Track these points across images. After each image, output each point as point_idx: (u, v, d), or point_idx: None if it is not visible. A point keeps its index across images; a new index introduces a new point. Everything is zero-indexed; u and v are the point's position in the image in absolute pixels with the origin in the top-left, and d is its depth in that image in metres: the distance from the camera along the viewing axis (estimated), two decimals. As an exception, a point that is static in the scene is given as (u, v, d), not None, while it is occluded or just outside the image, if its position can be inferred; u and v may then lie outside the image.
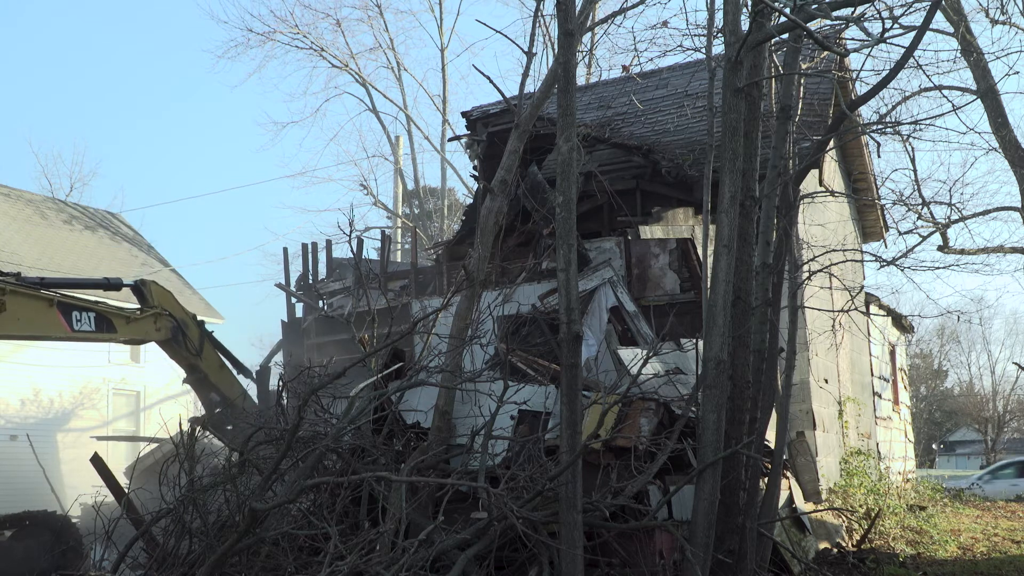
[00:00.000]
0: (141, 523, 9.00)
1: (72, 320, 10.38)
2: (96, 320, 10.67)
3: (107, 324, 10.82)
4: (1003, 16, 17.71)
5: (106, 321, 10.80)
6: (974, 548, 12.58)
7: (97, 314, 10.70)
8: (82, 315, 10.49)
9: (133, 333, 11.36)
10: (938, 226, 17.77)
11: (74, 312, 10.41)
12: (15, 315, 9.66)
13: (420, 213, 36.27)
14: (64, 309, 10.29)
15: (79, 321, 10.45)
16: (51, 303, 10.14)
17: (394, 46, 34.63)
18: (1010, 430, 61.26)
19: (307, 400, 7.82)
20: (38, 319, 10.04)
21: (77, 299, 10.66)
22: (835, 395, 14.46)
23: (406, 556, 6.71)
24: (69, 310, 10.36)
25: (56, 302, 10.19)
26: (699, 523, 7.15)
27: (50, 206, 26.01)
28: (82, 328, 10.50)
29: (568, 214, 7.34)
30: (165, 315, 11.61)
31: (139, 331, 11.39)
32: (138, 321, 11.30)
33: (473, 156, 15.71)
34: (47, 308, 10.11)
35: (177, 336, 11.82)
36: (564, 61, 7.55)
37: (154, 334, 11.58)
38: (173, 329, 11.74)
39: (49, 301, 10.14)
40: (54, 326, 10.23)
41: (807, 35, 7.25)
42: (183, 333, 11.90)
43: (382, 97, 34.56)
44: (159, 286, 11.93)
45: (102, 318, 10.76)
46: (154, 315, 11.46)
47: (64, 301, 10.33)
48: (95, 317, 10.66)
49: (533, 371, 9.94)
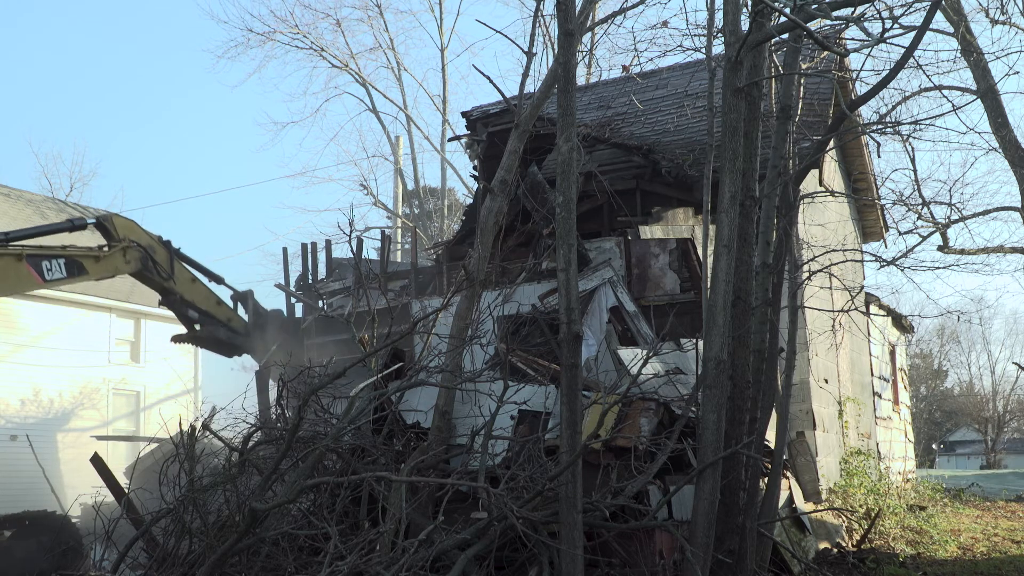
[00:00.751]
0: (141, 523, 9.00)
1: (43, 270, 10.30)
2: (67, 266, 10.62)
3: (78, 267, 10.79)
4: (1003, 16, 17.74)
5: (76, 265, 10.76)
6: (974, 548, 12.58)
7: (67, 259, 10.62)
8: (52, 263, 10.41)
9: (104, 271, 11.36)
10: (938, 226, 17.78)
11: (44, 262, 10.32)
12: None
13: (420, 213, 36.27)
14: (33, 261, 10.21)
15: (50, 270, 10.38)
16: (19, 257, 10.07)
17: (394, 46, 34.68)
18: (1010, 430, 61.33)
19: (307, 400, 7.82)
20: (10, 275, 9.99)
21: (45, 248, 10.56)
22: (835, 395, 14.46)
23: (406, 556, 6.71)
24: (39, 261, 10.28)
25: (25, 256, 10.11)
26: (699, 523, 7.15)
27: (50, 206, 25.99)
28: (54, 277, 10.44)
29: (568, 214, 7.34)
30: (132, 247, 11.58)
31: (110, 267, 11.39)
32: (107, 258, 11.27)
33: (473, 156, 15.71)
34: (16, 263, 10.05)
35: (147, 264, 11.80)
36: (564, 61, 7.55)
37: (124, 267, 11.57)
38: (142, 259, 11.72)
39: (17, 256, 10.07)
40: (25, 280, 10.18)
41: (807, 35, 7.25)
42: (152, 260, 11.87)
43: (382, 97, 34.61)
44: (122, 217, 11.87)
45: (72, 262, 10.71)
46: (122, 249, 11.44)
47: (33, 253, 10.25)
48: (65, 263, 10.59)
49: (533, 371, 9.94)
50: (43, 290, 11.46)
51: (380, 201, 34.54)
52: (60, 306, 21.09)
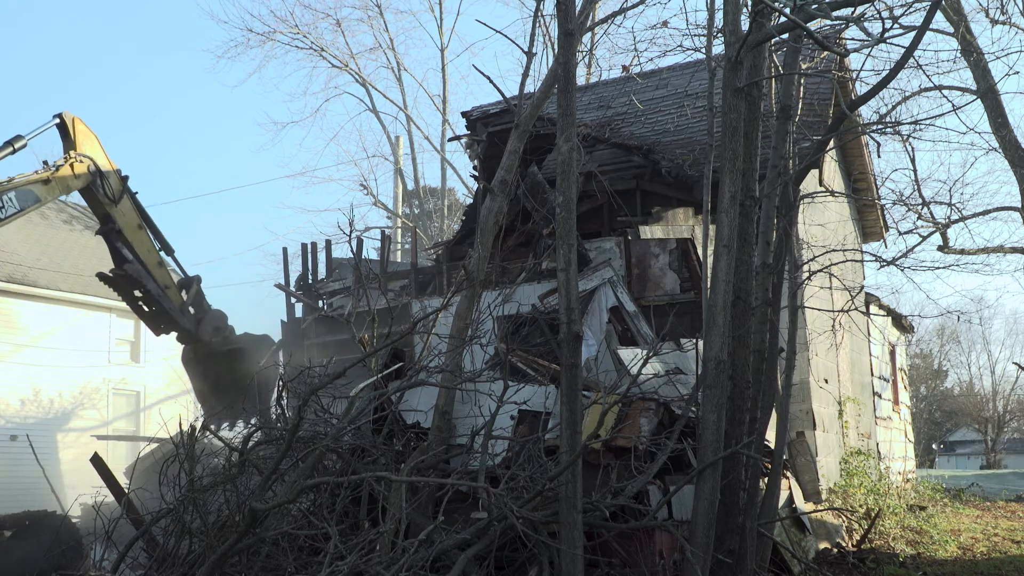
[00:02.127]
0: (141, 523, 8.99)
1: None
2: (19, 197, 10.44)
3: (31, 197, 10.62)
4: (1003, 16, 17.73)
5: (27, 193, 10.58)
6: (974, 548, 12.57)
7: (16, 191, 10.44)
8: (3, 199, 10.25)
9: (56, 192, 11.20)
10: (938, 226, 17.78)
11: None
12: None
13: (420, 213, 36.27)
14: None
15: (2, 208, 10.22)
16: None
17: (394, 46, 34.70)
18: (1010, 430, 61.36)
19: (307, 400, 7.82)
20: None
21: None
22: (835, 395, 14.46)
23: (406, 556, 6.71)
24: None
25: None
26: (699, 523, 7.15)
27: (50, 206, 26.00)
28: (9, 213, 10.28)
29: (568, 214, 7.34)
30: (82, 160, 11.36)
31: (61, 186, 11.19)
32: (57, 178, 11.05)
33: (473, 156, 15.71)
34: None
35: (95, 181, 11.59)
36: (564, 61, 7.55)
37: (74, 183, 11.35)
38: (92, 173, 11.50)
39: None
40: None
41: (807, 35, 7.24)
42: (102, 178, 11.66)
43: (382, 97, 34.62)
44: (84, 125, 11.65)
45: (23, 192, 10.52)
46: (70, 164, 11.22)
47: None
48: (16, 195, 10.42)
49: (533, 371, 9.94)
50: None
51: (380, 201, 34.56)
52: (60, 306, 21.11)
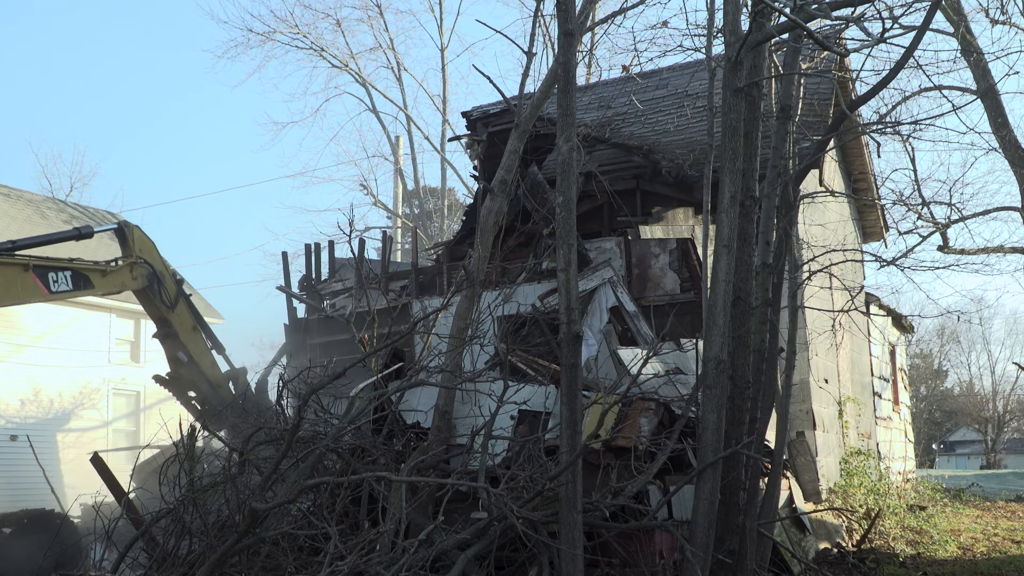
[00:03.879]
0: (141, 523, 8.99)
1: (49, 282, 10.23)
2: (73, 278, 10.53)
3: (84, 281, 10.70)
4: (1003, 16, 17.73)
5: (83, 278, 10.68)
6: (974, 548, 12.57)
7: (73, 272, 10.54)
8: (59, 275, 10.33)
9: (110, 286, 11.24)
10: (938, 226, 17.78)
11: (50, 273, 10.25)
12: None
13: (420, 213, 36.28)
14: (40, 272, 10.13)
15: (56, 282, 10.30)
16: (26, 268, 9.97)
17: (394, 46, 34.73)
18: (1010, 430, 61.34)
19: (307, 400, 7.82)
20: (15, 286, 9.89)
21: (52, 260, 10.46)
22: (835, 395, 14.45)
23: (406, 556, 6.71)
24: (45, 272, 10.20)
25: (32, 266, 10.02)
26: (699, 523, 7.15)
27: (50, 206, 25.99)
28: (60, 289, 10.36)
29: (568, 214, 7.34)
30: (141, 263, 11.45)
31: (116, 282, 11.26)
32: (114, 272, 11.15)
33: (473, 156, 15.71)
34: (23, 273, 9.95)
35: (152, 285, 11.66)
36: (564, 61, 7.55)
37: (130, 283, 11.43)
38: (149, 277, 11.58)
39: (24, 266, 9.97)
40: (31, 290, 10.09)
41: (807, 35, 7.24)
42: (159, 283, 11.74)
43: (382, 97, 34.64)
44: (142, 232, 11.72)
45: (78, 275, 10.62)
46: (130, 264, 11.31)
47: (39, 264, 10.16)
48: (71, 275, 10.51)
49: (533, 371, 9.94)
50: (45, 302, 11.32)
51: (380, 201, 34.58)
52: (60, 306, 21.07)
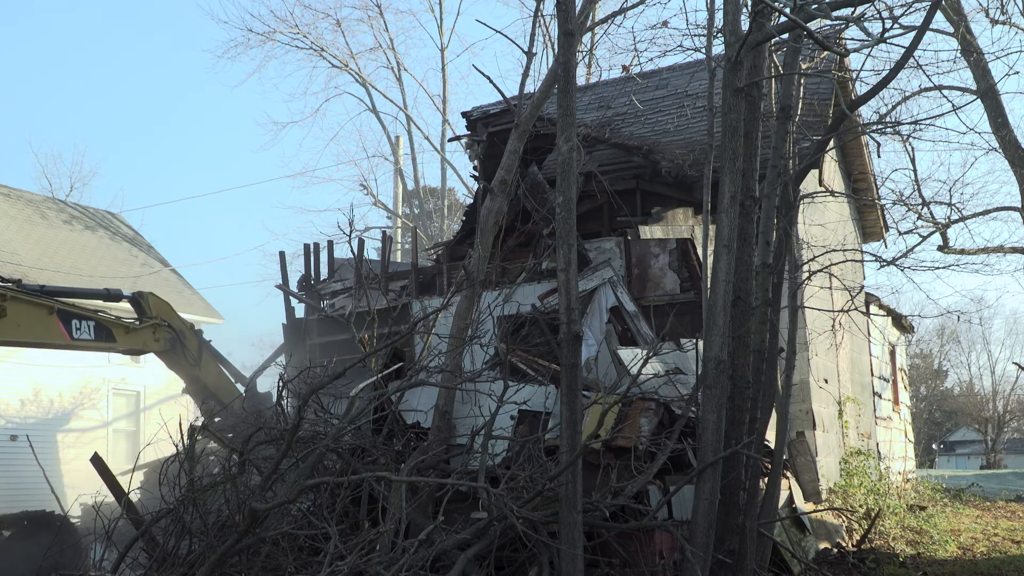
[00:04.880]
0: (141, 523, 9.00)
1: (72, 328, 10.45)
2: (95, 329, 10.74)
3: (106, 333, 10.90)
4: (1003, 16, 17.75)
5: (105, 330, 10.88)
6: (974, 548, 12.57)
7: (96, 323, 10.76)
8: (82, 323, 10.56)
9: (132, 343, 11.42)
10: (938, 226, 17.79)
11: (74, 320, 10.48)
12: (15, 321, 9.73)
13: (420, 213, 36.28)
14: (64, 317, 10.35)
15: (79, 329, 10.52)
16: (51, 311, 10.20)
17: (394, 46, 34.68)
18: (1010, 430, 61.33)
19: (307, 400, 7.82)
20: (37, 326, 10.10)
21: (77, 307, 10.71)
22: (835, 395, 14.45)
23: (406, 556, 6.71)
24: (69, 318, 10.43)
25: (56, 310, 10.25)
26: (699, 523, 7.15)
27: (50, 206, 25.99)
28: (81, 336, 10.56)
29: (568, 214, 7.34)
30: (164, 326, 11.65)
31: (138, 341, 11.45)
32: (137, 331, 11.36)
33: (473, 156, 15.70)
34: (47, 316, 10.17)
35: (176, 347, 11.85)
36: (564, 61, 7.55)
37: (153, 344, 11.63)
38: (171, 340, 11.77)
39: (49, 308, 10.20)
40: (53, 334, 10.28)
41: (807, 35, 7.25)
42: (182, 343, 11.93)
43: (382, 97, 34.60)
44: (157, 297, 11.96)
45: (101, 327, 10.82)
46: (152, 326, 11.50)
47: (64, 309, 10.39)
48: (94, 326, 10.72)
49: (533, 371, 9.94)
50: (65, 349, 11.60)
51: (380, 201, 34.57)
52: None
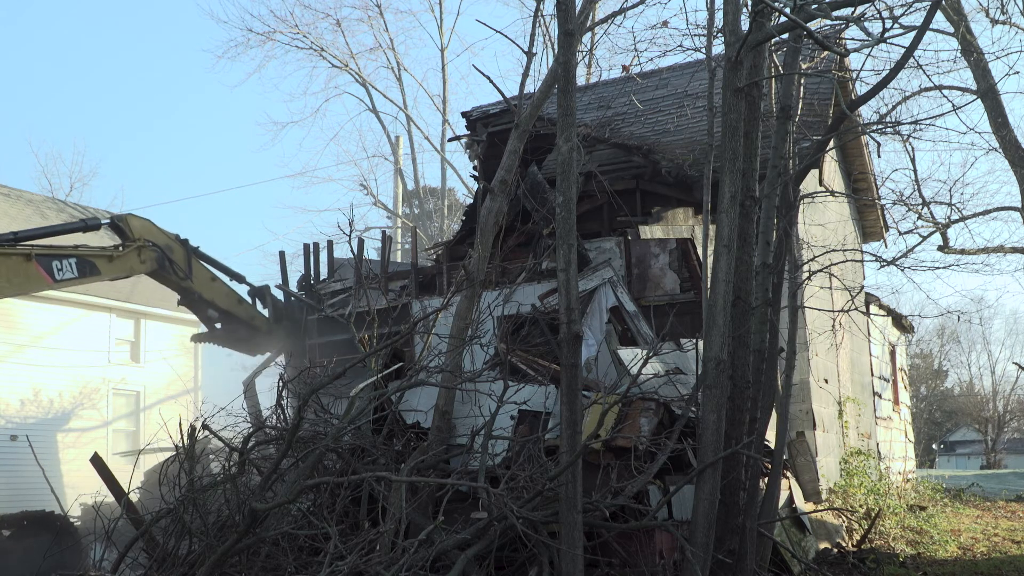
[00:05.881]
0: (141, 523, 9.00)
1: (53, 270, 10.11)
2: (78, 265, 10.43)
3: (90, 267, 10.60)
4: (1003, 16, 17.75)
5: (88, 264, 10.58)
6: (974, 548, 12.57)
7: (78, 259, 10.44)
8: (63, 263, 10.22)
9: (118, 271, 11.15)
10: (938, 226, 17.79)
11: (54, 262, 10.13)
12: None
13: (420, 213, 36.29)
14: (43, 261, 10.02)
15: (60, 270, 10.18)
16: (28, 257, 9.87)
17: (394, 46, 34.71)
18: (1010, 430, 61.34)
19: (307, 400, 7.82)
20: (17, 275, 9.79)
21: (55, 248, 10.36)
22: (835, 395, 14.45)
23: (406, 556, 6.71)
24: (49, 260, 10.09)
25: (35, 255, 9.93)
26: (699, 523, 7.15)
27: (50, 206, 25.99)
28: (64, 276, 10.25)
29: (568, 214, 7.34)
30: (148, 246, 11.38)
31: (123, 267, 11.17)
32: (121, 257, 11.05)
33: (473, 156, 15.70)
34: (25, 263, 9.84)
35: (164, 264, 11.59)
36: (564, 61, 7.55)
37: (139, 267, 11.37)
38: (158, 259, 11.49)
39: (26, 256, 9.87)
40: (35, 280, 10.00)
41: (807, 35, 7.24)
42: (169, 259, 11.67)
43: (382, 97, 34.62)
44: (137, 217, 11.63)
45: (84, 262, 10.52)
46: (137, 248, 11.23)
47: (43, 253, 10.06)
48: (76, 262, 10.40)
49: (533, 371, 9.94)
50: (51, 290, 11.16)
51: (380, 201, 34.58)
52: (60, 306, 21.08)
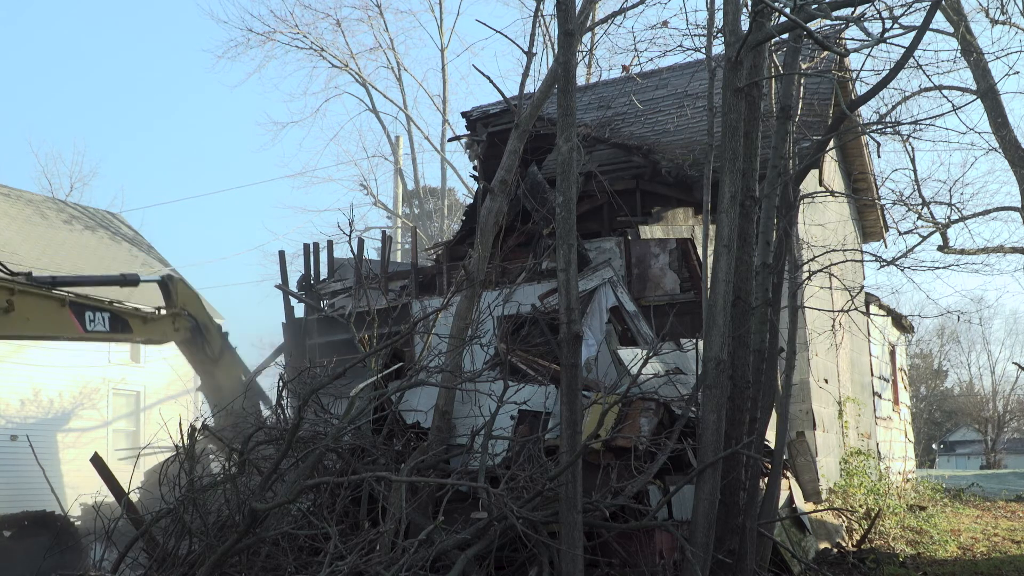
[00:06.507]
0: (141, 523, 8.99)
1: (85, 320, 10.16)
2: (111, 320, 10.46)
3: (122, 324, 10.61)
4: (1003, 16, 17.76)
5: (121, 321, 10.60)
6: (974, 548, 12.56)
7: (112, 314, 10.47)
8: (96, 315, 10.28)
9: (150, 333, 11.11)
10: (938, 226, 17.79)
11: (87, 312, 10.20)
12: (24, 315, 9.46)
13: (420, 213, 36.29)
14: (77, 309, 10.08)
15: (92, 321, 10.24)
16: (63, 303, 9.93)
17: (394, 46, 34.72)
18: (1010, 430, 61.35)
19: (307, 400, 7.82)
20: (49, 320, 9.83)
21: (91, 299, 10.41)
22: (835, 395, 14.45)
23: (406, 556, 6.71)
24: (82, 310, 10.15)
25: (69, 302, 9.98)
26: (699, 523, 7.15)
27: (50, 206, 26.00)
28: (96, 328, 10.28)
29: (568, 214, 7.34)
30: (184, 315, 11.36)
31: (156, 331, 11.15)
32: (156, 321, 11.05)
33: (473, 156, 15.70)
34: (59, 308, 9.90)
35: (196, 338, 11.58)
36: (564, 61, 7.55)
37: (172, 335, 11.34)
38: (192, 330, 11.48)
39: (61, 301, 9.93)
40: (66, 327, 10.02)
41: (807, 35, 7.24)
42: (203, 336, 11.67)
43: (382, 97, 34.62)
44: (185, 286, 11.70)
45: (117, 318, 10.54)
46: (172, 315, 11.21)
47: (77, 301, 10.11)
48: (109, 317, 10.44)
49: (533, 371, 9.94)
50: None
51: (380, 201, 34.59)
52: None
